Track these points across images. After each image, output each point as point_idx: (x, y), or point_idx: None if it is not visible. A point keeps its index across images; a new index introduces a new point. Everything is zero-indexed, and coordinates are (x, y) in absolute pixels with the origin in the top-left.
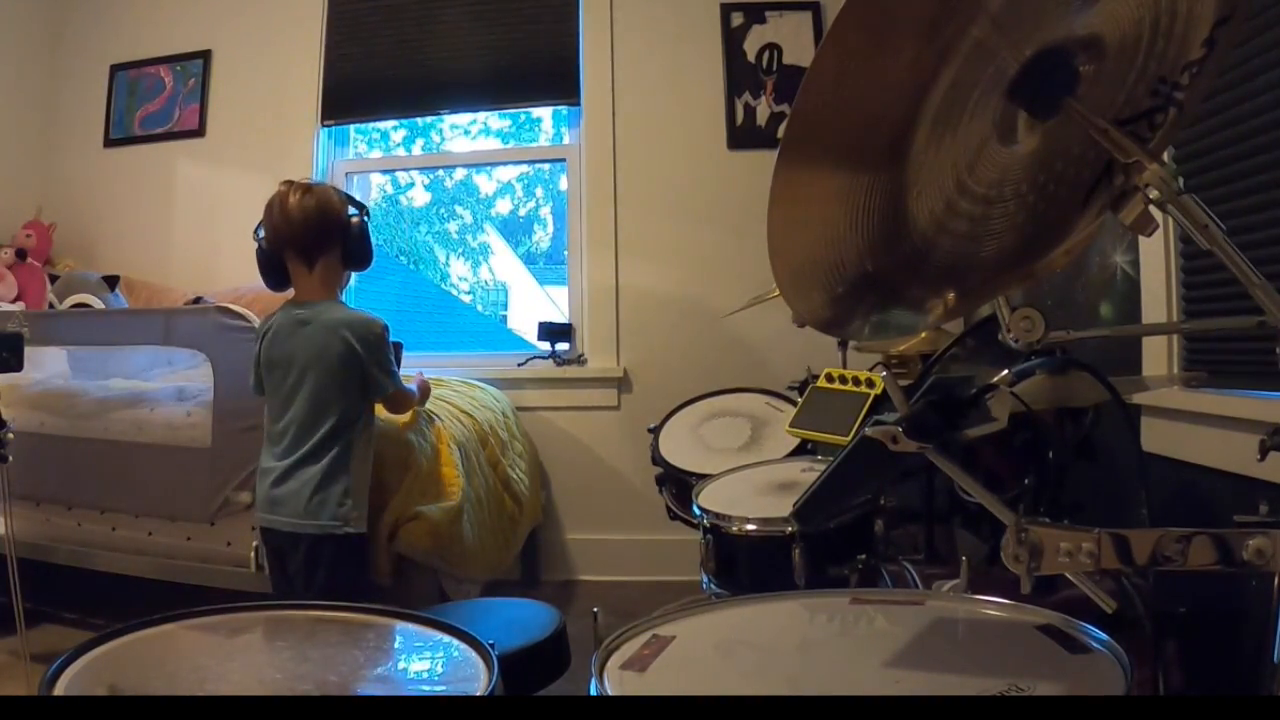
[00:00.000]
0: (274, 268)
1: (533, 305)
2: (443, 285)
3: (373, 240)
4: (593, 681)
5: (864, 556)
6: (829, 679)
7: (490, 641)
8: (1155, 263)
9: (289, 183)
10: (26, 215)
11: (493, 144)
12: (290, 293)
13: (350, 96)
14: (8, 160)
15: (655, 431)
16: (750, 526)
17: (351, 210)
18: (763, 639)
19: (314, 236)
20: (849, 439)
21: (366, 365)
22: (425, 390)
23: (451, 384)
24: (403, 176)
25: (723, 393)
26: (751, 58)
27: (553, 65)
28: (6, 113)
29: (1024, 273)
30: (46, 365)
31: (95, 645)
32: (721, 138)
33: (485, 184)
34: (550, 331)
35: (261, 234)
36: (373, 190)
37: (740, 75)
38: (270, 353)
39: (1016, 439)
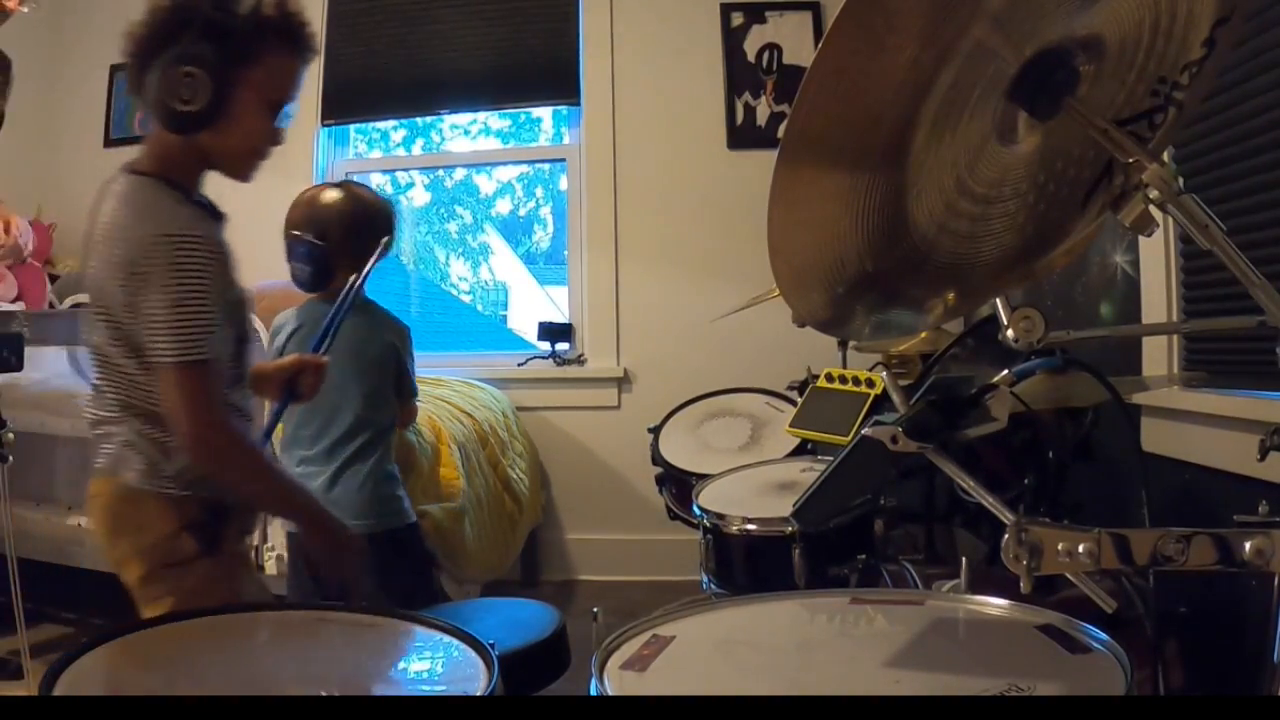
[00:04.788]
0: (328, 269)
1: (533, 305)
2: (443, 285)
3: None
4: (593, 681)
5: (864, 556)
6: (829, 679)
7: (490, 641)
8: (1155, 263)
9: (349, 183)
10: (26, 215)
11: (493, 144)
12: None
13: (350, 96)
14: (8, 160)
15: (655, 431)
16: (750, 526)
17: None
18: (763, 639)
19: (377, 238)
20: (849, 439)
21: (404, 364)
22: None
23: (451, 384)
24: (402, 176)
25: (723, 393)
26: (751, 58)
27: (553, 65)
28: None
29: (1024, 273)
30: (46, 365)
31: (95, 645)
32: (721, 138)
33: (485, 184)
34: (550, 331)
35: (317, 234)
36: None
37: (740, 75)
38: (299, 348)
39: (1016, 439)
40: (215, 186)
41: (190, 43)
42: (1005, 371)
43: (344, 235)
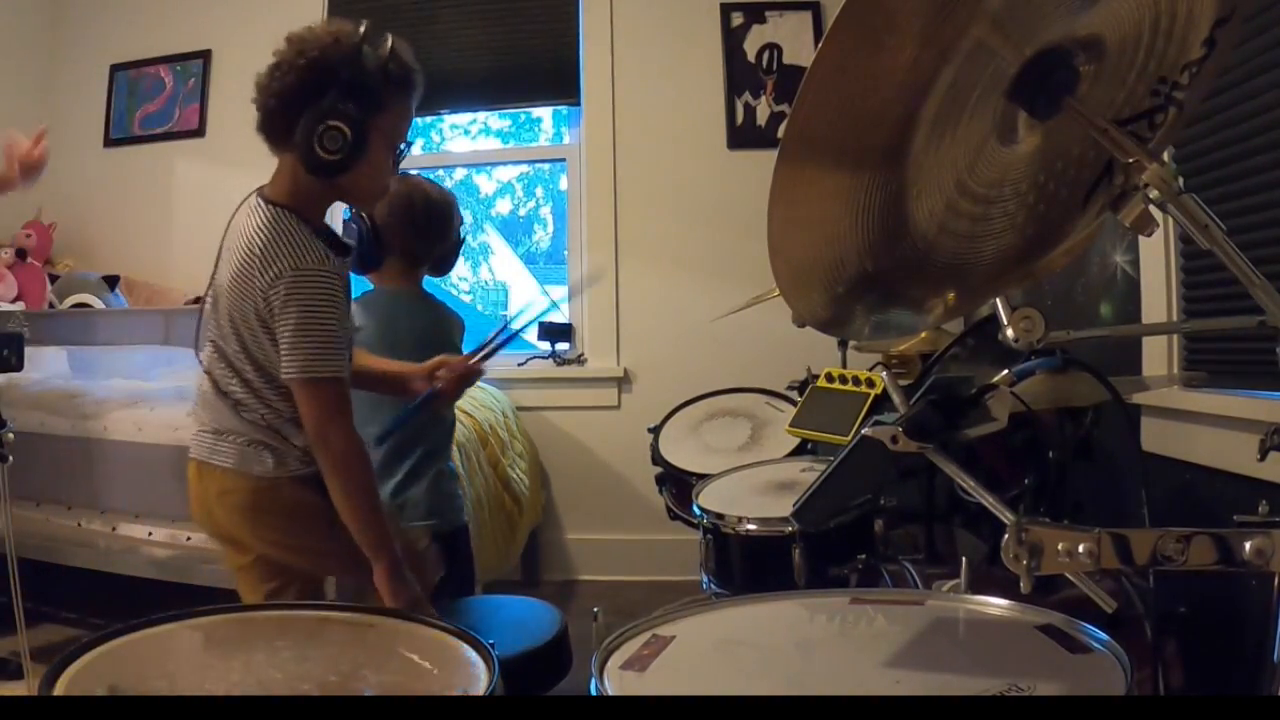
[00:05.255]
0: (375, 254)
1: (532, 305)
2: (443, 285)
3: None
4: (593, 681)
5: (864, 556)
6: (829, 679)
7: (490, 641)
8: (1155, 263)
9: (430, 181)
10: (26, 215)
11: (493, 144)
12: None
13: None
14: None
15: (655, 431)
16: (750, 526)
17: None
18: (763, 639)
19: (438, 234)
20: (849, 439)
21: None
22: None
23: None
24: None
25: (723, 393)
26: (751, 58)
27: (553, 65)
28: (7, 113)
29: (1024, 273)
30: (46, 365)
31: (95, 645)
32: (721, 138)
33: (485, 184)
34: (550, 331)
35: (368, 215)
36: None
37: (740, 75)
38: (376, 340)
39: (1016, 439)
40: (220, 187)
41: (334, 99)
42: (1005, 371)
43: (398, 224)
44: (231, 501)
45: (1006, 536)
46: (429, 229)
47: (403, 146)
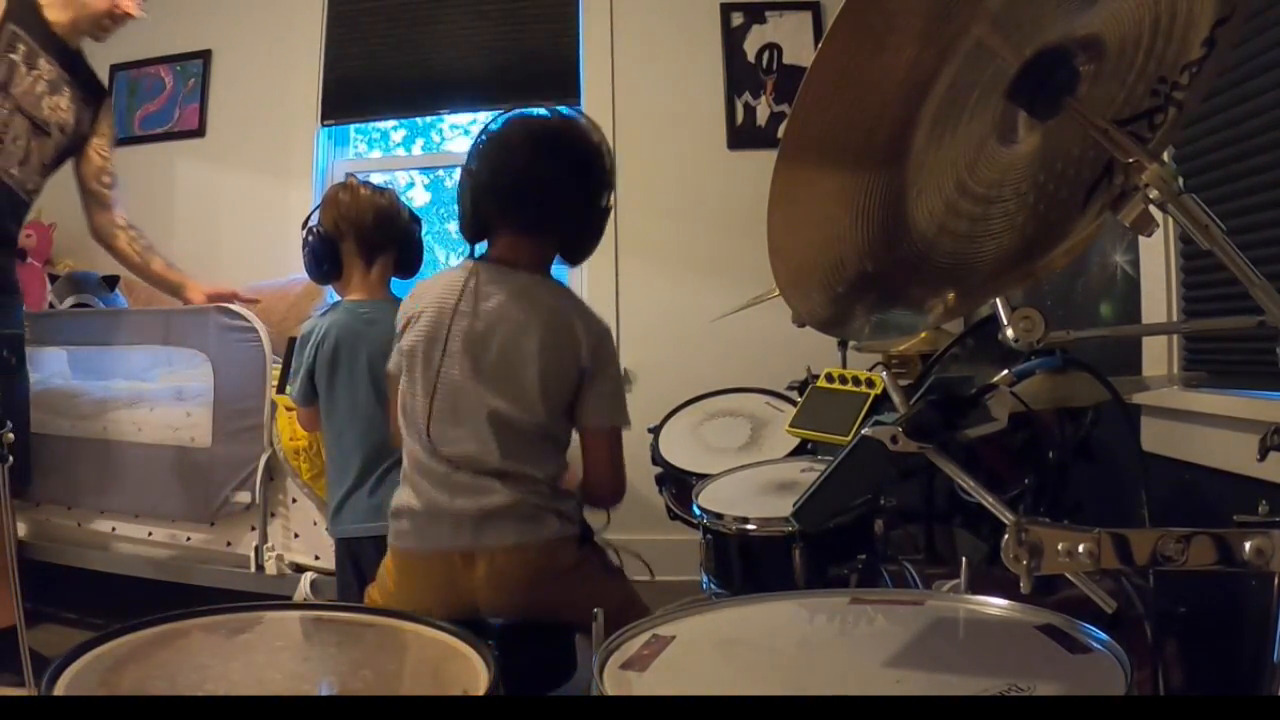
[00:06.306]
0: (327, 258)
1: None
2: None
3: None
4: (593, 681)
5: (864, 556)
6: (829, 679)
7: (490, 641)
8: (1155, 263)
9: (352, 176)
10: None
11: None
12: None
13: (350, 96)
14: None
15: (655, 431)
16: (750, 526)
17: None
18: (762, 639)
19: (381, 233)
20: (849, 439)
21: None
22: None
23: None
24: (402, 176)
25: (723, 393)
26: (751, 58)
27: (553, 65)
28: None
29: (1024, 273)
30: (46, 365)
31: (95, 645)
32: (721, 138)
33: None
34: None
35: (317, 223)
36: None
37: (740, 75)
38: (334, 354)
39: (1016, 439)
40: (220, 187)
41: (608, 188)
42: (1005, 371)
43: (335, 221)
44: (517, 566)
45: (1006, 536)
46: (376, 229)
47: None
